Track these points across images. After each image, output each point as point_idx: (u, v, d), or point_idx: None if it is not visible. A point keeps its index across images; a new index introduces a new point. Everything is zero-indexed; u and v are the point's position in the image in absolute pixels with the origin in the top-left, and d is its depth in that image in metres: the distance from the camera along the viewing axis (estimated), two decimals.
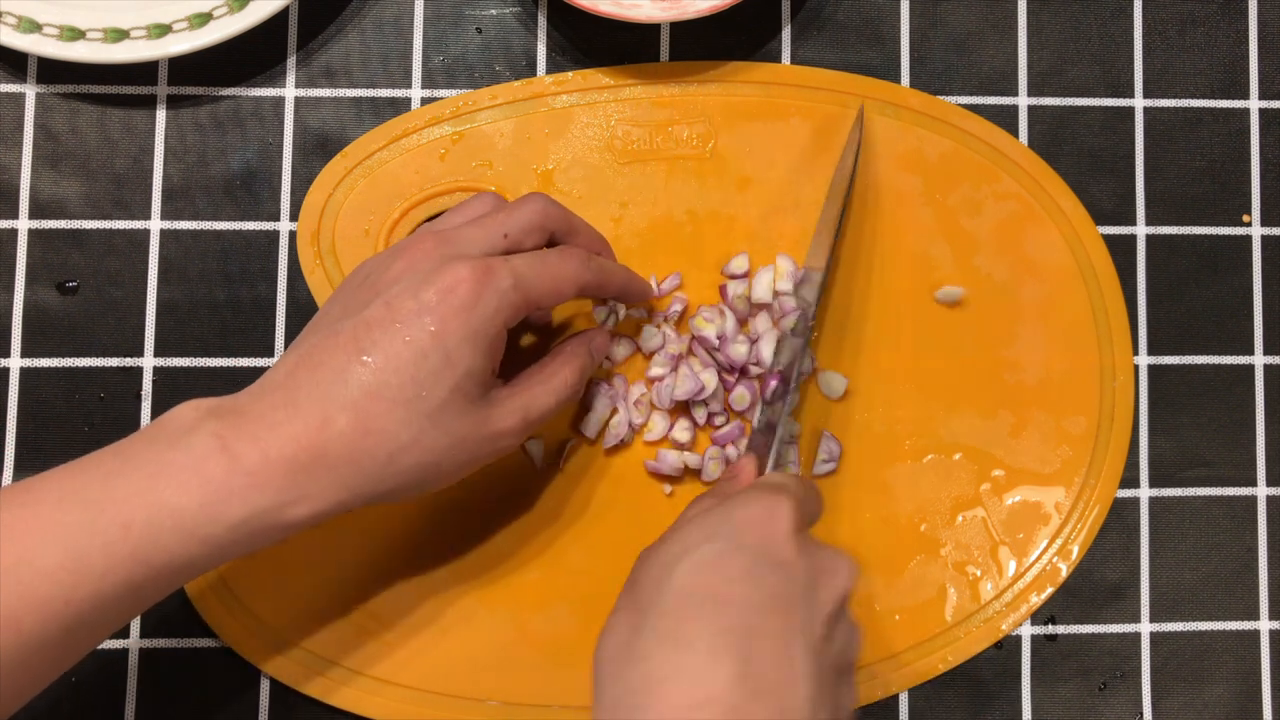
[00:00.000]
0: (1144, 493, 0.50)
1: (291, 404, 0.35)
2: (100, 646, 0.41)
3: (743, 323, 0.48)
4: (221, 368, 0.48)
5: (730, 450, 0.47)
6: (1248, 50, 0.52)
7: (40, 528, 0.33)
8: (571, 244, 0.42)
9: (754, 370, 0.47)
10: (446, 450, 0.37)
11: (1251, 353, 0.51)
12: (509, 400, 0.39)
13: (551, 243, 0.42)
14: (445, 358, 0.36)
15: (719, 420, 0.47)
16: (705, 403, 0.47)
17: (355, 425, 0.35)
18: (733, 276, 0.48)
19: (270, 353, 0.48)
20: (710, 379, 0.46)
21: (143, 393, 0.48)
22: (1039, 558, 0.48)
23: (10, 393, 0.47)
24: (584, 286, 0.41)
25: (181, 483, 0.34)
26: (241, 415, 0.35)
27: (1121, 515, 0.49)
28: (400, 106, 0.49)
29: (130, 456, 0.35)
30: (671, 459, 0.47)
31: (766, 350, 0.46)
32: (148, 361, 0.48)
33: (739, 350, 0.47)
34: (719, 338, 0.46)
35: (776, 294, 0.47)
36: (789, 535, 0.36)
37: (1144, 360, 0.50)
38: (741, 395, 0.47)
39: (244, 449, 0.34)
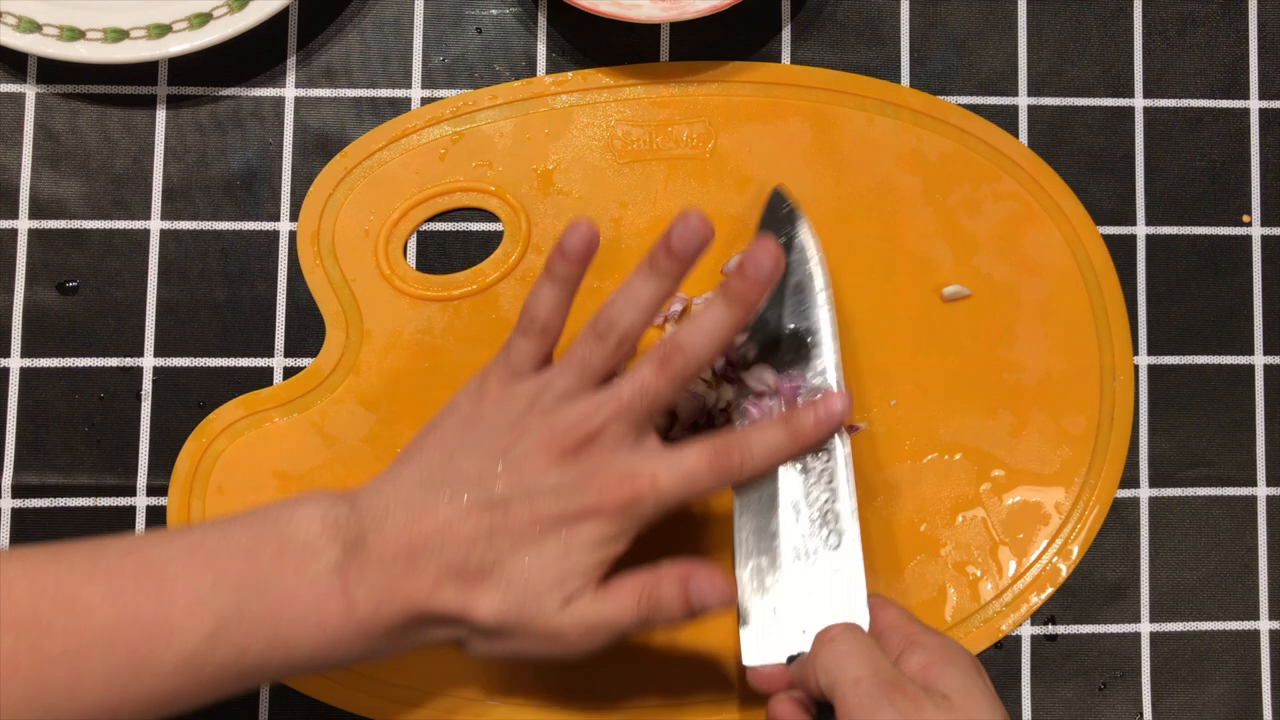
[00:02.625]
0: (1144, 493, 0.50)
1: (410, 559, 0.36)
2: None
3: None
4: (221, 368, 0.48)
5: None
6: (1248, 50, 0.52)
7: (172, 632, 0.34)
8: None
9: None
10: (530, 644, 0.38)
11: (1251, 353, 0.51)
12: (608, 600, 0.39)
13: None
14: (558, 582, 0.37)
15: (719, 421, 0.47)
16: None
17: (459, 601, 0.36)
18: None
19: (270, 353, 0.48)
20: (709, 393, 0.46)
21: (143, 393, 0.48)
22: (1039, 558, 0.48)
23: (10, 393, 0.47)
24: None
25: (302, 620, 0.35)
26: (363, 552, 0.36)
27: (1121, 515, 0.49)
28: (400, 106, 0.49)
29: (259, 568, 0.35)
30: None
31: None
32: (148, 361, 0.48)
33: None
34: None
35: None
36: None
37: (1144, 360, 0.50)
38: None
39: (361, 597, 0.35)
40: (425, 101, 0.49)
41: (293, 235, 0.48)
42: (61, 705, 0.33)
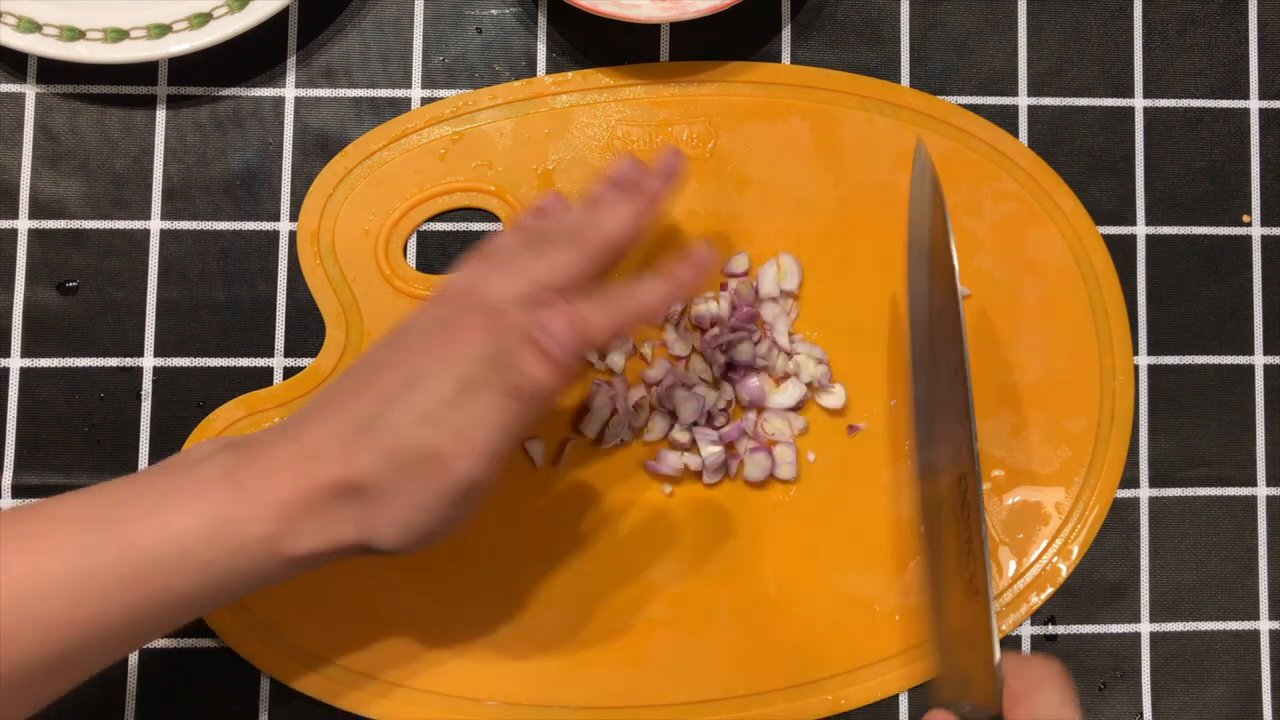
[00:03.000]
0: (1144, 493, 0.50)
1: (297, 440, 0.36)
2: None
3: (751, 318, 0.47)
4: (221, 368, 0.48)
5: (713, 449, 0.47)
6: (1248, 50, 0.52)
7: (46, 546, 0.34)
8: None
9: (760, 363, 0.47)
10: (435, 517, 0.37)
11: (1251, 353, 0.51)
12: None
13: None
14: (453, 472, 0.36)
15: (719, 421, 0.47)
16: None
17: (342, 462, 0.36)
18: (733, 275, 0.48)
19: (270, 352, 0.48)
20: (709, 393, 0.47)
21: (143, 393, 0.48)
22: (1039, 558, 0.48)
23: (10, 393, 0.47)
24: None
25: (186, 506, 0.35)
26: (252, 449, 0.36)
27: (1121, 515, 0.49)
28: (400, 106, 0.49)
29: (142, 483, 0.36)
30: (671, 459, 0.47)
31: (781, 335, 0.47)
32: (148, 361, 0.48)
33: (743, 351, 0.47)
34: (713, 322, 0.47)
35: (782, 293, 0.48)
36: None
37: (1144, 360, 0.50)
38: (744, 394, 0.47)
39: (248, 478, 0.35)
40: (425, 101, 0.49)
41: (293, 235, 0.48)
42: None
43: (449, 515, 0.37)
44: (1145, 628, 0.49)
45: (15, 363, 0.48)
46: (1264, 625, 0.49)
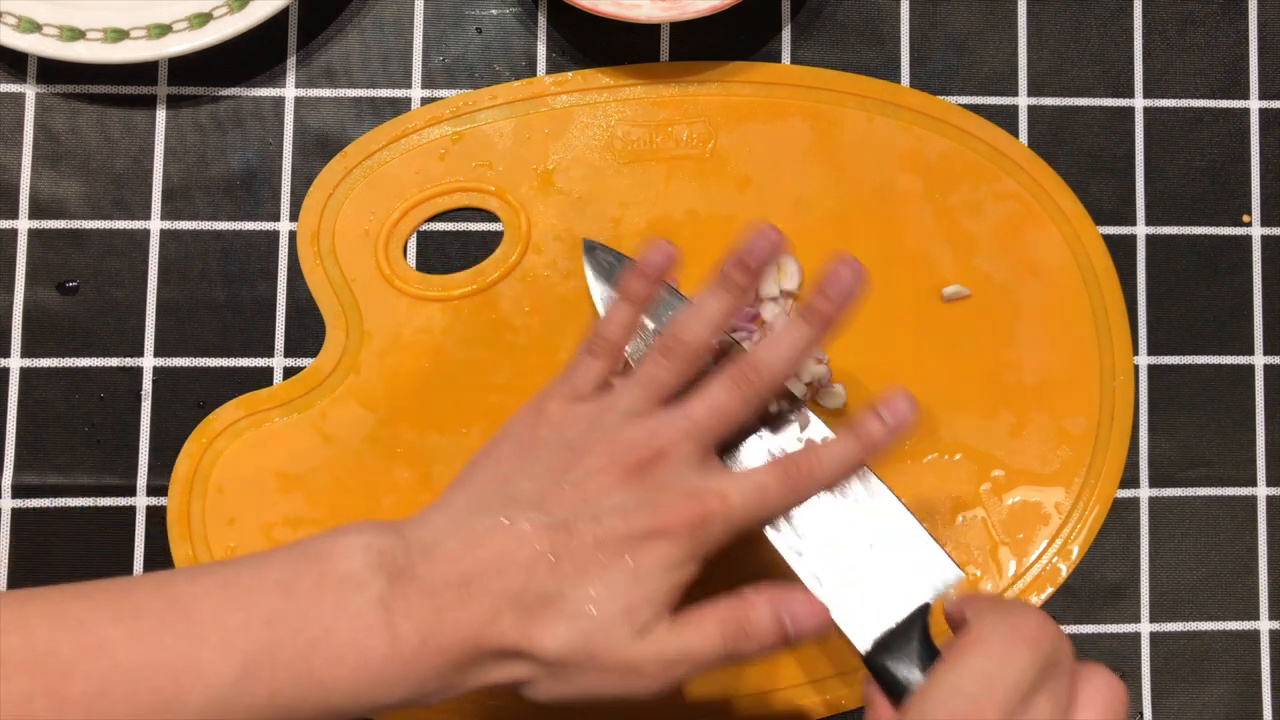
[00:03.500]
0: (1144, 493, 0.50)
1: (464, 588, 0.33)
2: None
3: (752, 319, 0.48)
4: (221, 368, 0.48)
5: None
6: (1248, 50, 0.52)
7: (199, 671, 0.31)
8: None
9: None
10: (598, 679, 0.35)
11: (1251, 353, 0.51)
12: (666, 641, 0.35)
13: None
14: (627, 610, 0.34)
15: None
16: None
17: (519, 631, 0.33)
18: None
19: (270, 352, 0.48)
20: None
21: (143, 393, 0.48)
22: (1039, 558, 0.48)
23: (10, 393, 0.47)
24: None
25: (338, 658, 0.32)
26: (412, 582, 0.33)
27: (1121, 515, 0.49)
28: (400, 106, 0.49)
29: (295, 600, 0.33)
30: None
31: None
32: (148, 361, 0.48)
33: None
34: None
35: (782, 293, 0.48)
36: None
37: (1144, 360, 0.50)
38: None
39: (407, 631, 0.33)
40: (425, 101, 0.49)
41: (293, 235, 0.48)
42: None
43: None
44: (1145, 628, 0.49)
45: (15, 363, 0.48)
46: (1264, 625, 0.49)
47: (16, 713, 0.30)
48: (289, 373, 0.48)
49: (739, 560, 0.45)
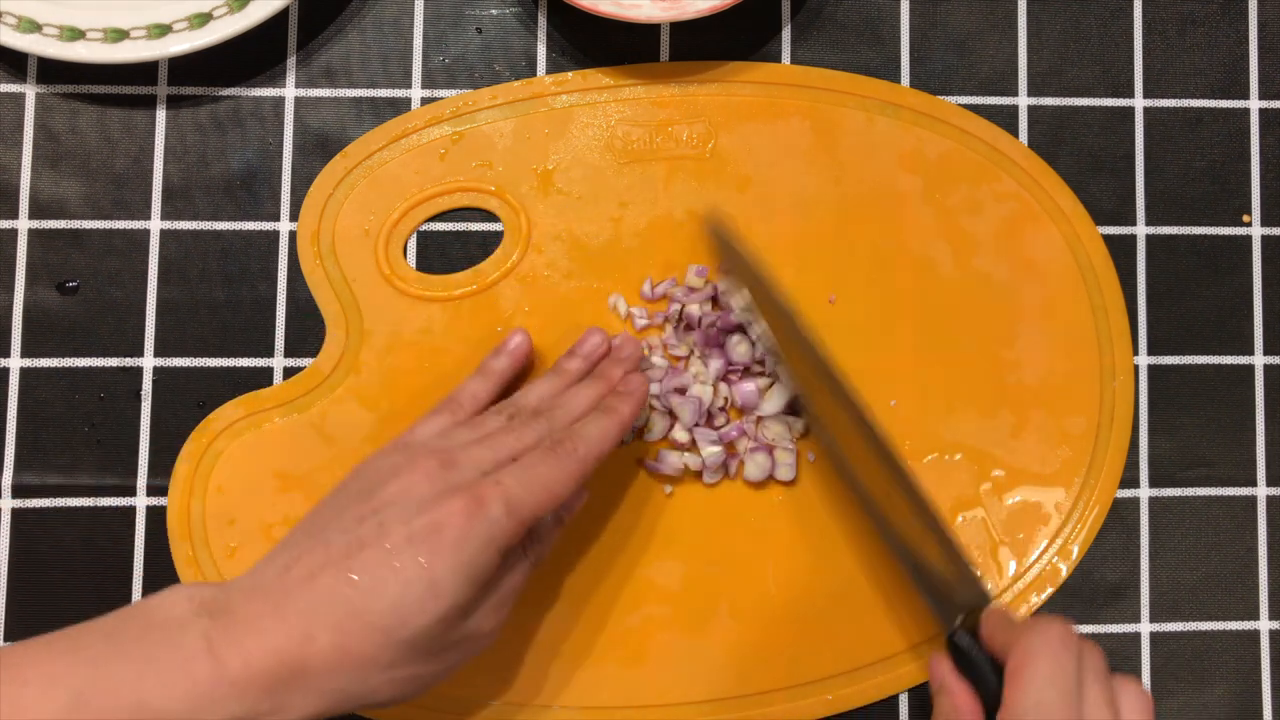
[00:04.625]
0: (1144, 493, 0.50)
1: (279, 613, 0.35)
2: None
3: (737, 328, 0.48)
4: (221, 368, 0.48)
5: (712, 449, 0.47)
6: (1248, 50, 0.52)
7: (24, 711, 0.33)
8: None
9: (757, 367, 0.47)
10: (425, 668, 0.37)
11: (1251, 353, 0.51)
12: (486, 606, 0.39)
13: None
14: (431, 589, 0.36)
15: (719, 421, 0.47)
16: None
17: (336, 645, 0.35)
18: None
19: (270, 352, 0.48)
20: (706, 391, 0.47)
21: (143, 393, 0.48)
22: (1039, 558, 0.48)
23: (10, 393, 0.47)
24: (582, 479, 0.40)
25: (168, 683, 0.34)
26: (231, 617, 0.35)
27: (1121, 515, 0.49)
28: (400, 106, 0.49)
29: (120, 644, 0.35)
30: (672, 459, 0.47)
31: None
32: (148, 361, 0.48)
33: (740, 350, 0.47)
34: (699, 318, 0.47)
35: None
36: None
37: (1144, 360, 0.50)
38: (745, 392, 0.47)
39: (230, 655, 0.34)
40: (425, 101, 0.49)
41: (293, 235, 0.48)
42: None
43: (451, 668, 0.39)
44: (1145, 628, 0.49)
45: (15, 363, 0.48)
46: (1264, 625, 0.49)
47: None
48: (289, 373, 0.48)
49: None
